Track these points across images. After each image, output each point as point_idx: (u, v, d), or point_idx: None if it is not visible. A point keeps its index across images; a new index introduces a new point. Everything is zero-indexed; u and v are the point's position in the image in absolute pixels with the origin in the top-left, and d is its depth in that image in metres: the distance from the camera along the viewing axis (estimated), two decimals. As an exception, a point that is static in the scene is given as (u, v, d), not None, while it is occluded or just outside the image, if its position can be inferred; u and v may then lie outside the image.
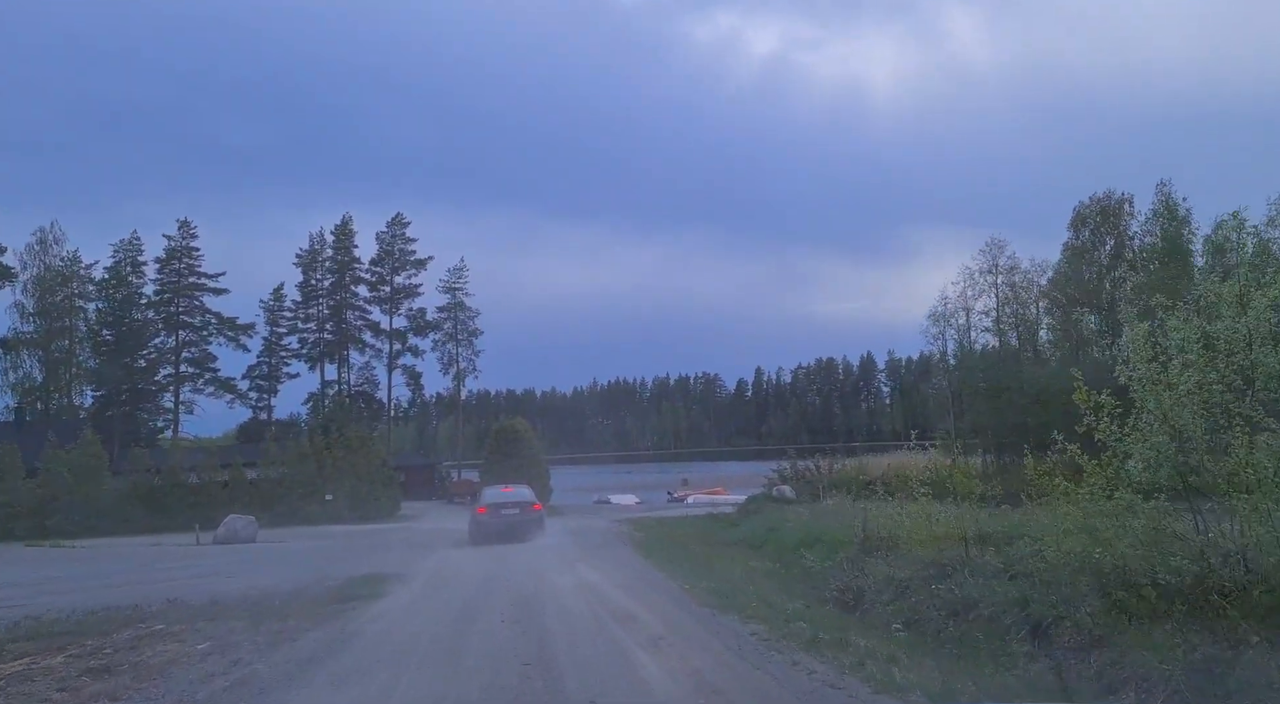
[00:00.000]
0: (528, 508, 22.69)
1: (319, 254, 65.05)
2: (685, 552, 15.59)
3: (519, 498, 23.21)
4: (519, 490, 24.46)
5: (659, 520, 30.39)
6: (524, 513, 22.33)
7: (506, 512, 22.23)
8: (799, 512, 26.89)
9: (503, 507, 22.48)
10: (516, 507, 22.50)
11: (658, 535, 21.24)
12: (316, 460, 39.52)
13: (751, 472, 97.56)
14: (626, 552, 16.35)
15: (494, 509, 22.38)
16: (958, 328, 64.01)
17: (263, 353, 64.31)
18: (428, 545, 21.83)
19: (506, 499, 23.14)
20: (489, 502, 22.98)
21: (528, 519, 22.17)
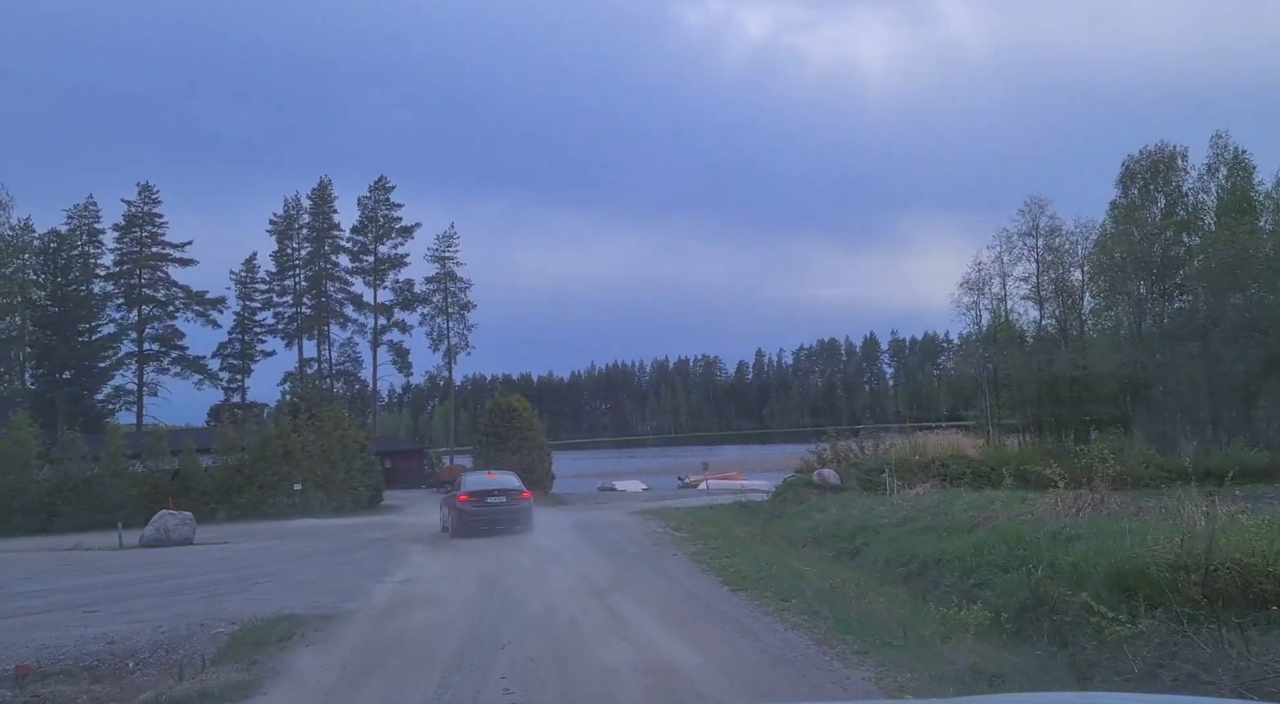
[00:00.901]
0: (515, 496, 20.11)
1: (295, 221, 59.46)
2: (782, 570, 10.15)
3: (505, 485, 20.61)
4: (504, 477, 21.96)
5: (688, 511, 25.20)
6: (511, 502, 19.87)
7: (492, 500, 19.64)
8: (864, 503, 21.92)
9: (488, 494, 19.74)
10: (503, 494, 19.94)
11: (704, 534, 15.95)
12: (283, 445, 34.20)
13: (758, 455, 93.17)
14: (684, 567, 10.97)
15: (478, 497, 19.57)
16: (992, 297, 58.51)
17: (235, 329, 58.93)
18: (398, 551, 16.60)
19: (491, 486, 20.32)
20: (472, 489, 19.97)
21: (516, 509, 19.75)
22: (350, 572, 12.97)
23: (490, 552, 15.04)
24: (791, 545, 15.76)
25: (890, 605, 7.61)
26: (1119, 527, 8.94)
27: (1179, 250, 48.17)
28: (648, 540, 15.79)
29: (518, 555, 14.14)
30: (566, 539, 17.00)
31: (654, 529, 18.32)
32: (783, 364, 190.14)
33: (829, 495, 27.00)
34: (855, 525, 15.66)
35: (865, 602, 7.61)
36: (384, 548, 17.49)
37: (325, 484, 35.17)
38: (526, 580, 10.50)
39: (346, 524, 29.00)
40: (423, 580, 11.44)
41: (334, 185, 60.26)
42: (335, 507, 35.22)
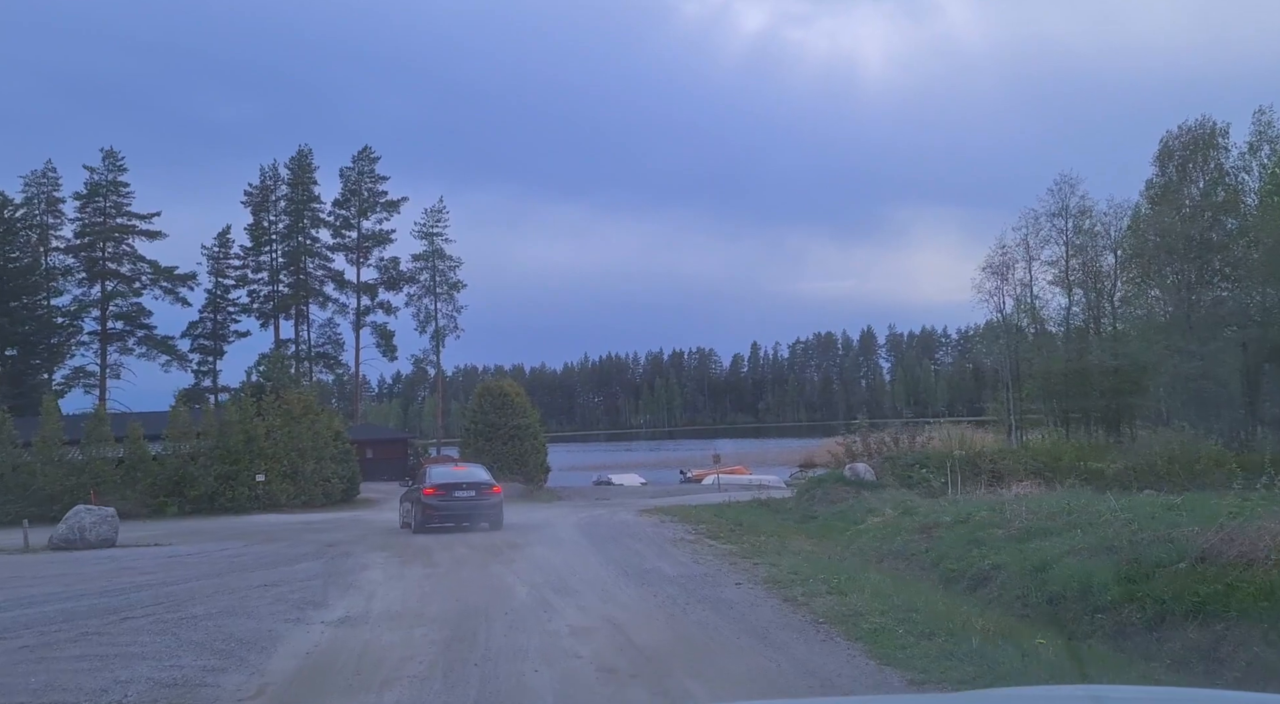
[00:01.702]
0: (485, 490, 18.84)
1: (272, 192, 55.33)
2: (930, 618, 6.13)
3: (474, 478, 19.43)
4: (473, 469, 20.82)
5: (709, 511, 21.48)
6: (481, 496, 18.63)
7: (460, 493, 18.43)
8: (926, 505, 18.35)
9: (455, 488, 18.50)
10: (472, 488, 18.68)
11: (753, 547, 12.13)
12: (244, 431, 30.24)
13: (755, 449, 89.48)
14: (769, 612, 6.74)
15: (445, 491, 18.33)
16: (1015, 282, 54.55)
17: (206, 308, 54.87)
18: (353, 563, 12.80)
19: (459, 479, 19.10)
20: (438, 481, 18.67)
21: (485, 504, 18.56)
22: (273, 599, 9.13)
23: (471, 569, 11.24)
24: (865, 561, 12.03)
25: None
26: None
27: (1219, 233, 44.69)
28: (683, 553, 12.00)
29: (509, 577, 10.32)
30: (573, 550, 13.22)
31: (681, 534, 14.56)
32: (778, 357, 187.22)
33: (865, 493, 23.55)
34: (937, 539, 11.90)
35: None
36: (337, 558, 13.66)
37: (293, 475, 31.26)
38: (524, 632, 6.68)
39: (311, 521, 25.17)
40: (367, 621, 7.63)
41: (314, 155, 56.18)
42: (304, 500, 31.35)
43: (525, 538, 15.79)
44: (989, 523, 11.68)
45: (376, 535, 18.34)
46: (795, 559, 10.34)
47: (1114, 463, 28.11)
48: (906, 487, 24.30)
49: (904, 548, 12.77)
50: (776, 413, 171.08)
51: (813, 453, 68.61)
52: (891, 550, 12.87)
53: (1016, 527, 11.06)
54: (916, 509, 17.60)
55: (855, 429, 31.61)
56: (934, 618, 6.35)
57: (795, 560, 10.15)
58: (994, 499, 14.39)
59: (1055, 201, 50.75)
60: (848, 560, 11.24)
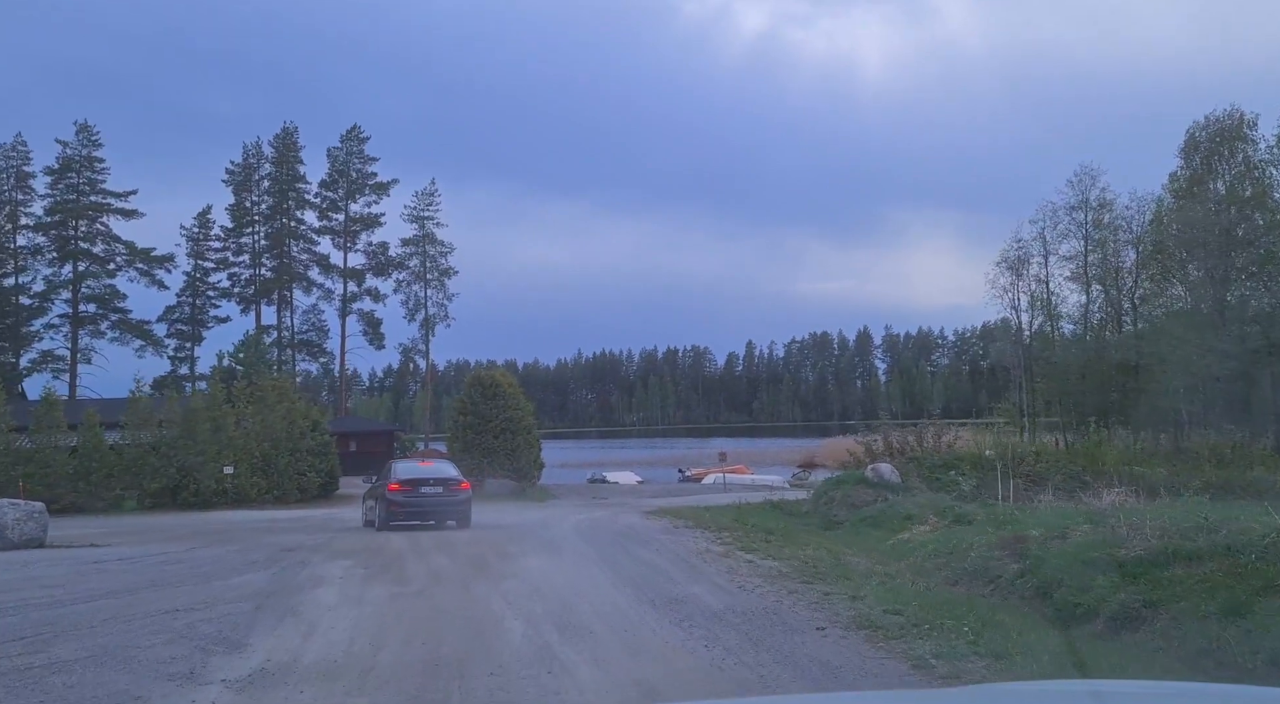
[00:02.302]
0: (452, 486, 18.04)
1: (255, 171, 52.69)
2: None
3: (441, 474, 18.72)
4: (440, 465, 20.23)
5: (726, 514, 19.11)
6: (448, 492, 17.82)
7: (427, 490, 17.58)
8: (981, 512, 16.17)
9: (422, 484, 17.63)
10: (439, 484, 17.90)
11: (803, 563, 9.72)
12: (211, 419, 27.75)
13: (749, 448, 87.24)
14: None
15: (410, 487, 17.44)
16: (1030, 278, 52.16)
17: (184, 291, 52.24)
18: (304, 577, 10.36)
19: (426, 474, 18.29)
20: (403, 477, 17.77)
21: (452, 501, 17.74)
22: (176, 634, 6.72)
23: (449, 590, 8.83)
24: (938, 583, 9.66)
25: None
26: None
27: (1247, 229, 42.58)
28: (716, 571, 9.59)
29: (496, 603, 7.90)
30: (576, 563, 10.82)
31: (704, 544, 12.17)
32: (774, 357, 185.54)
33: (891, 496, 21.38)
34: (1037, 558, 9.52)
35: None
36: (290, 568, 11.23)
37: (265, 468, 28.78)
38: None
39: (279, 519, 22.73)
40: (288, 678, 5.22)
41: (300, 133, 53.58)
42: (277, 496, 28.90)
43: (518, 545, 13.37)
44: (1099, 541, 9.33)
45: (346, 538, 15.92)
46: (870, 585, 7.96)
47: (1159, 467, 25.87)
48: (934, 490, 22.07)
49: (981, 567, 10.37)
50: (771, 412, 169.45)
51: (813, 453, 66.44)
52: (966, 570, 10.48)
53: (1142, 546, 8.70)
54: (970, 518, 15.29)
55: (877, 427, 29.23)
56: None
57: (872, 587, 7.78)
58: (1080, 509, 12.02)
59: (1074, 194, 48.46)
60: (935, 585, 8.83)
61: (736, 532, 13.99)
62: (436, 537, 15.44)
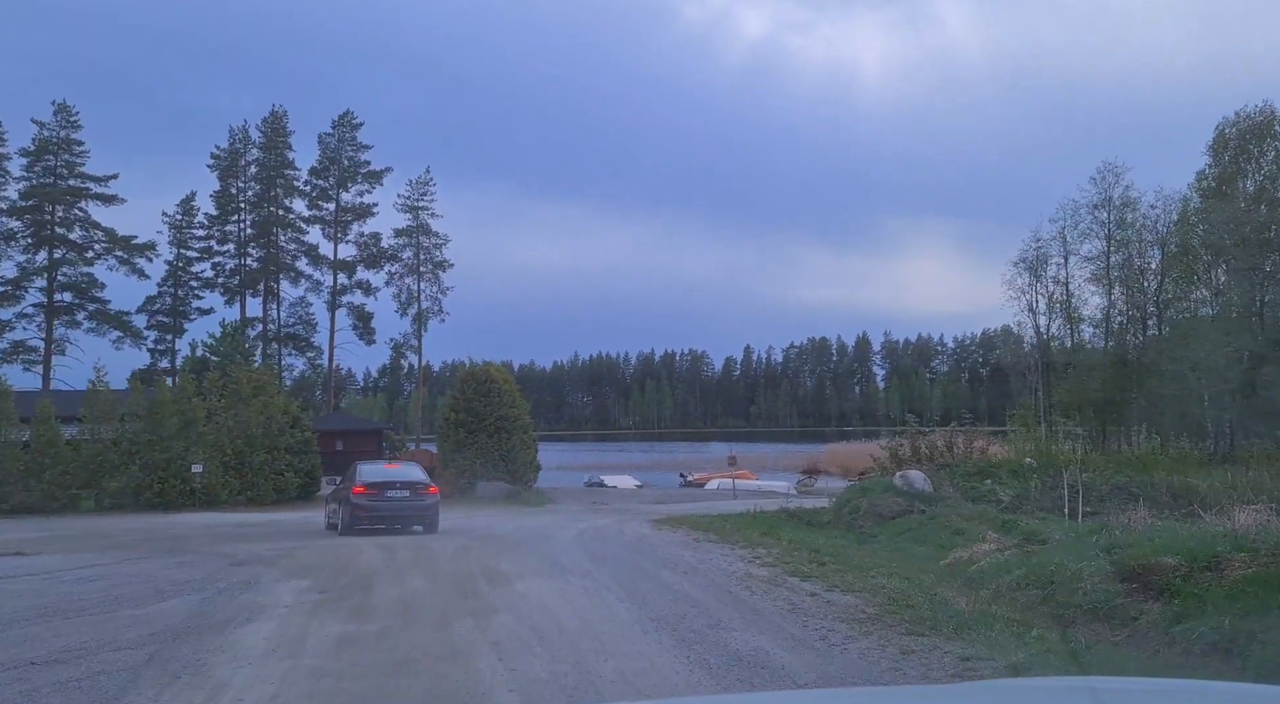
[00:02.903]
0: (420, 490, 17.49)
1: (241, 156, 50.37)
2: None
3: (408, 477, 18.00)
4: (407, 468, 19.36)
5: (748, 523, 16.91)
6: (415, 496, 17.27)
7: (393, 494, 17.04)
8: (1046, 528, 14.14)
9: (387, 487, 17.09)
10: (405, 488, 17.32)
11: (886, 599, 7.48)
12: (179, 412, 25.45)
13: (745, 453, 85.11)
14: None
15: (376, 490, 16.88)
16: (1048, 280, 49.98)
17: (166, 281, 49.87)
18: (243, 603, 8.12)
19: (392, 478, 17.59)
20: (369, 480, 17.19)
21: (419, 505, 17.19)
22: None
23: (421, 630, 6.60)
24: (1044, 623, 7.46)
25: None
26: None
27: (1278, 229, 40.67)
28: (775, 609, 7.33)
29: (483, 654, 5.65)
30: (585, 589, 8.57)
31: (740, 566, 9.95)
32: (772, 361, 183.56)
33: (923, 507, 19.31)
34: (1191, 598, 7.29)
35: None
36: (228, 592, 8.98)
37: (239, 467, 26.49)
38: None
39: (246, 524, 20.45)
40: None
41: (290, 118, 51.29)
42: (251, 497, 26.62)
43: (513, 561, 11.15)
44: (1274, 576, 7.12)
45: (312, 548, 13.66)
46: (1003, 636, 5.74)
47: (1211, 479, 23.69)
48: (970, 500, 19.89)
49: (1103, 604, 8.13)
50: (768, 417, 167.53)
51: (816, 458, 64.37)
52: (1082, 608, 8.24)
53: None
54: (1041, 535, 13.10)
55: (903, 431, 27.02)
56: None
57: (1006, 638, 5.57)
58: (1201, 529, 9.80)
59: (1097, 191, 46.41)
60: (1008, 619, 6.59)
61: (772, 548, 11.78)
62: (416, 547, 13.21)
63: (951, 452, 25.97)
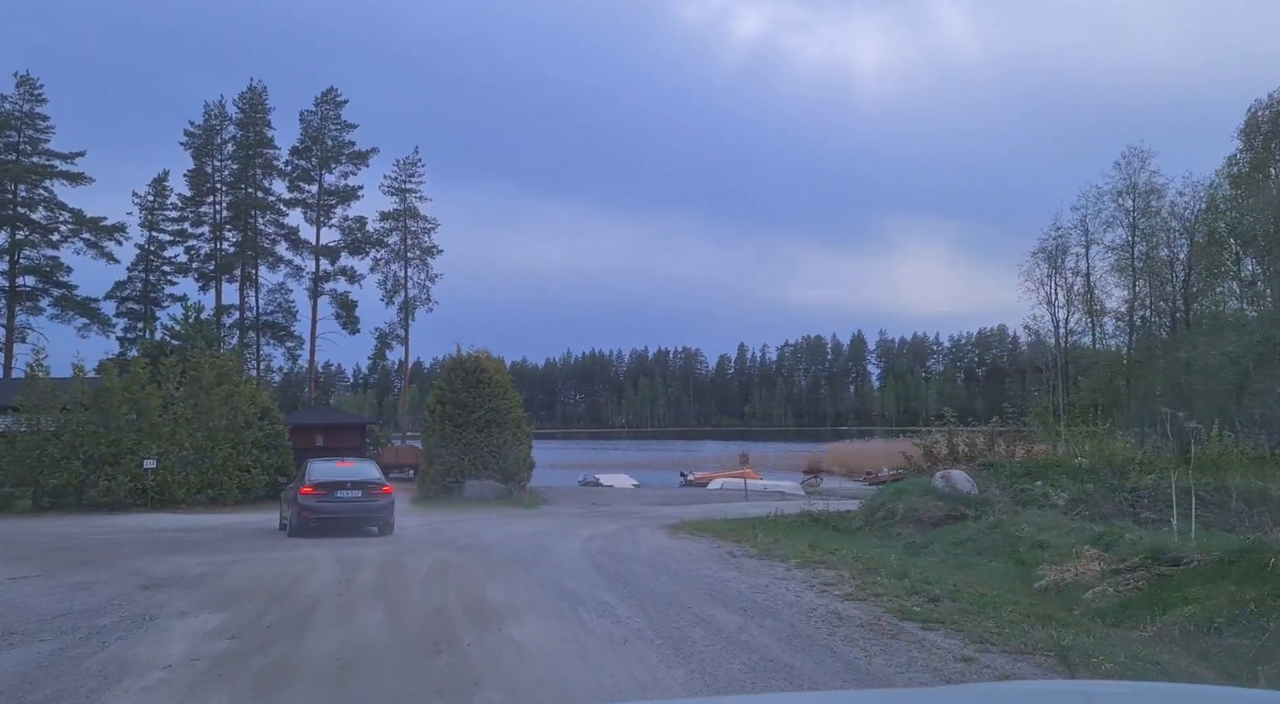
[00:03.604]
0: (373, 490, 15.96)
1: (217, 133, 47.44)
2: None
3: (360, 475, 16.43)
4: (361, 466, 17.71)
5: (777, 529, 14.32)
6: (368, 497, 15.79)
7: (343, 494, 15.53)
8: (1173, 545, 11.72)
9: (337, 487, 15.55)
10: (357, 488, 15.80)
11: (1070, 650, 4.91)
12: (130, 402, 22.68)
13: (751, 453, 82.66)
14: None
15: (325, 490, 15.32)
16: (1067, 272, 47.44)
17: (136, 265, 46.97)
18: (107, 659, 5.37)
19: (343, 477, 16.02)
20: (318, 479, 15.63)
21: (372, 506, 15.76)
22: None
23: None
24: None
25: None
26: None
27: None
28: (907, 678, 4.72)
29: None
30: (610, 636, 5.96)
31: (809, 597, 7.33)
32: (766, 359, 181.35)
33: (968, 510, 16.82)
34: None
35: None
36: (105, 635, 6.30)
37: (198, 463, 23.73)
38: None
39: (195, 528, 17.73)
40: None
41: (269, 94, 48.36)
42: (213, 495, 23.86)
43: (504, 587, 8.50)
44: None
45: (253, 563, 10.95)
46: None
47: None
48: (1020, 504, 17.35)
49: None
50: (762, 416, 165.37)
51: (818, 458, 61.98)
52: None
53: None
54: (1176, 554, 10.50)
55: (941, 427, 24.43)
56: None
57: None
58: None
59: (1121, 177, 43.95)
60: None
61: (837, 568, 9.16)
62: (382, 563, 10.53)
63: (992, 450, 23.48)
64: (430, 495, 26.62)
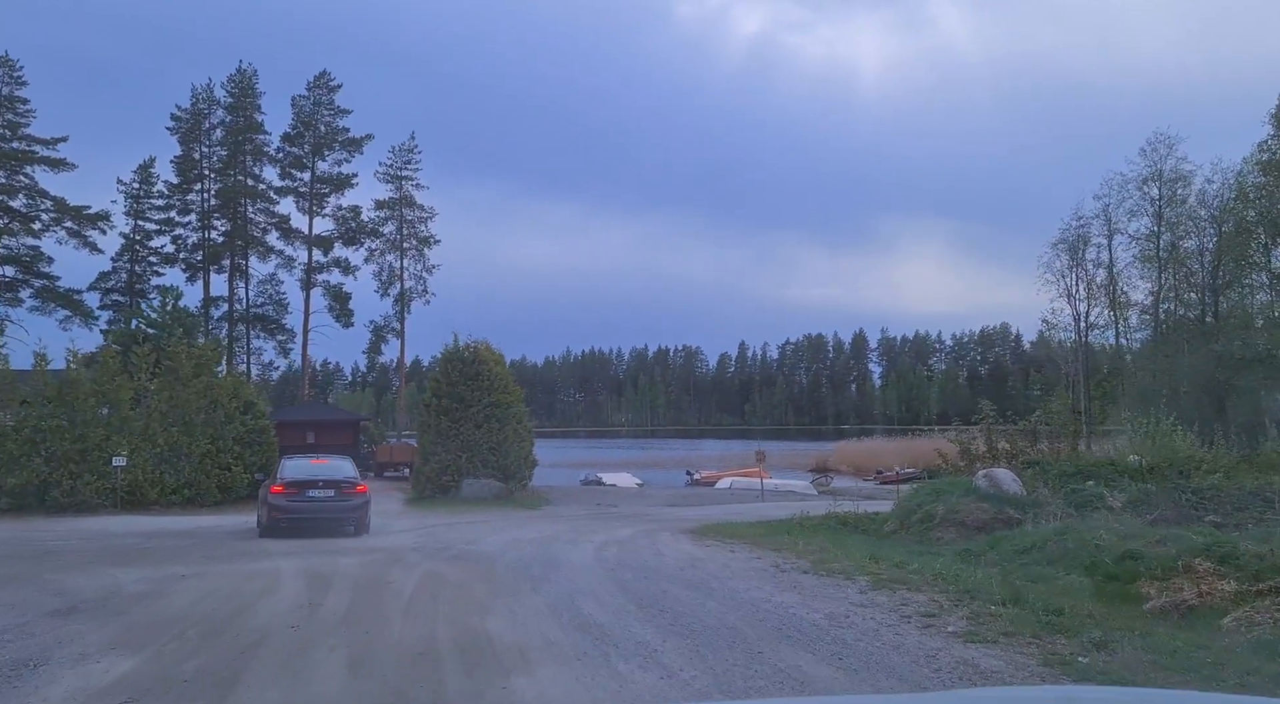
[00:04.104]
0: (346, 489, 15.13)
1: (205, 117, 45.50)
2: None
3: (334, 474, 15.47)
4: (336, 463, 16.51)
5: (826, 534, 12.49)
6: (341, 496, 14.98)
7: (315, 493, 14.76)
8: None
9: (309, 485, 14.82)
10: (329, 486, 15.00)
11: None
12: (99, 395, 20.82)
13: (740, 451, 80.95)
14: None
15: (296, 489, 14.68)
16: (1089, 263, 45.53)
17: (121, 256, 45.01)
18: None
19: (315, 475, 15.20)
20: (290, 478, 14.96)
21: (345, 506, 14.95)
22: None
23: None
24: None
25: None
26: None
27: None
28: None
29: None
30: (658, 693, 4.13)
31: (918, 636, 5.54)
32: (767, 358, 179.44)
33: (1013, 512, 15.19)
34: None
35: None
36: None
37: (173, 459, 21.87)
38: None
39: (161, 532, 15.91)
40: None
41: (259, 78, 46.44)
42: (189, 495, 22.00)
43: (508, 614, 6.66)
44: None
45: (204, 580, 9.09)
46: None
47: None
48: (1074, 506, 15.49)
49: None
50: (763, 415, 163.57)
51: (825, 456, 60.31)
52: None
53: None
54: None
55: (981, 422, 22.57)
56: None
57: None
58: None
59: (1146, 164, 42.16)
60: None
61: (919, 587, 7.31)
62: (359, 580, 8.67)
63: (1034, 447, 21.62)
64: (425, 496, 24.78)
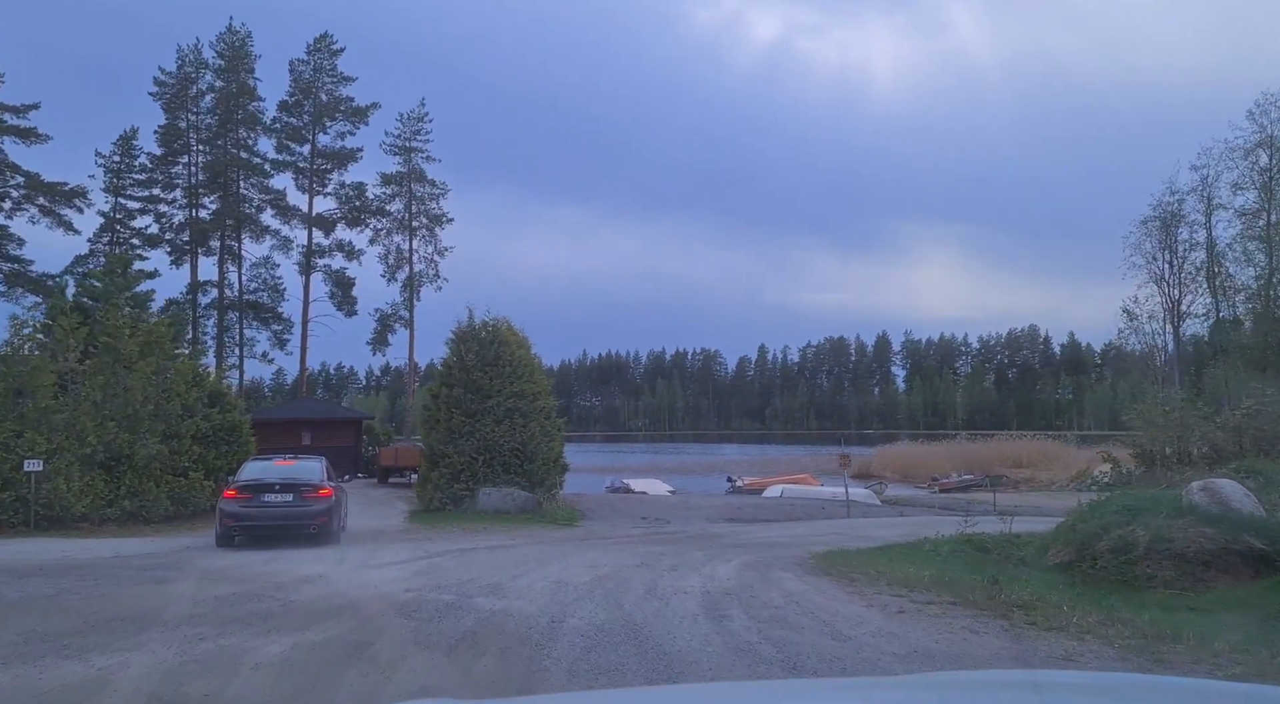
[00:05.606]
0: (306, 493, 13.57)
1: (193, 82, 40.90)
2: None
3: (297, 476, 13.86)
4: (305, 466, 14.61)
5: (1003, 575, 7.49)
6: (300, 501, 13.48)
7: (271, 498, 13.41)
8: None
9: (265, 489, 13.44)
10: (288, 490, 13.52)
11: None
12: (8, 380, 16.08)
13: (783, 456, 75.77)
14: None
15: (251, 493, 13.38)
16: (1182, 243, 40.16)
17: (100, 236, 40.51)
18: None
19: (275, 477, 13.71)
20: (246, 481, 13.68)
21: (306, 512, 13.45)
22: None
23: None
24: None
25: None
26: None
27: None
28: None
29: None
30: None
31: None
32: (788, 361, 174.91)
33: (1257, 541, 9.60)
34: None
35: None
36: None
37: (111, 465, 17.07)
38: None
39: (64, 566, 11.04)
40: None
41: (254, 40, 41.84)
42: (131, 509, 17.16)
43: None
44: None
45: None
46: None
47: None
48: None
49: None
50: (784, 418, 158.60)
51: (867, 462, 55.61)
52: None
53: None
54: None
55: (1167, 415, 17.50)
56: None
57: None
58: None
59: (1255, 130, 36.93)
60: None
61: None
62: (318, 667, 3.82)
63: (1242, 450, 16.56)
64: (433, 508, 19.87)
